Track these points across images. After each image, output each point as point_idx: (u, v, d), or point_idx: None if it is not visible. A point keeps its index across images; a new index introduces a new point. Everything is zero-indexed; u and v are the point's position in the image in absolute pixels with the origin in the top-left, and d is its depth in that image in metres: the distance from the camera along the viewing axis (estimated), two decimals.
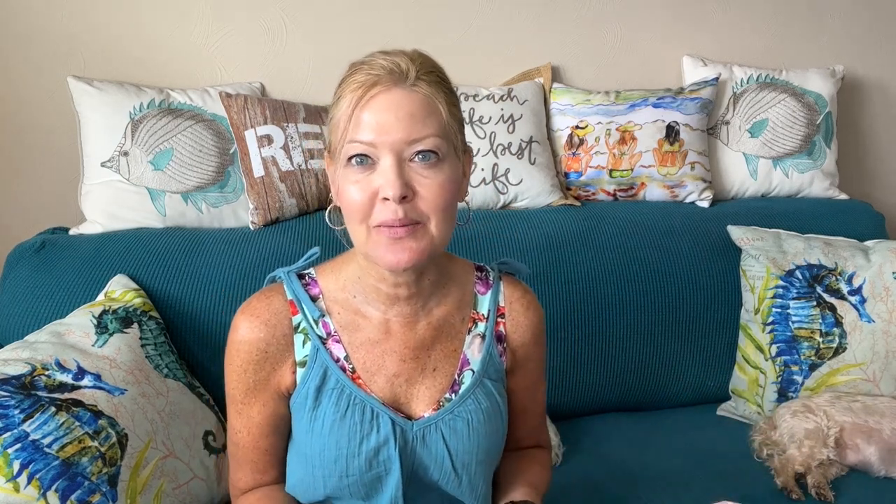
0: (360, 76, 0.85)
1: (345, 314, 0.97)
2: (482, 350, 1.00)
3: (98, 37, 1.85)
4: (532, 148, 1.95)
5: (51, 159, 1.88)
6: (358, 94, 0.84)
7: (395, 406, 0.96)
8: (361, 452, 0.92)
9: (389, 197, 0.83)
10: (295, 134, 1.80)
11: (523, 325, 1.04)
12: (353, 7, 1.96)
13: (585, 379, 1.77)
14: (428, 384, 0.97)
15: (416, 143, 0.84)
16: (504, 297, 1.03)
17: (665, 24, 2.17)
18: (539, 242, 1.79)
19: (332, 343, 0.96)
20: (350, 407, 0.93)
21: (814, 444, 1.51)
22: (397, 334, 0.97)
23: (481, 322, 1.01)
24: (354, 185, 0.86)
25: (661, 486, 1.49)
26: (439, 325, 0.99)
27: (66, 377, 1.24)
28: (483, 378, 0.99)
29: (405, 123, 0.84)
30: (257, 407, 0.96)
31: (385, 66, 0.85)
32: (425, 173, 0.85)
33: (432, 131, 0.85)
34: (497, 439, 1.01)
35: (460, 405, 0.96)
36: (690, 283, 1.82)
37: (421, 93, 0.85)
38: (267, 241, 1.71)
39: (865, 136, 2.39)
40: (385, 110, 0.84)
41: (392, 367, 0.96)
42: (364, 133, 0.84)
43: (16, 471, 1.09)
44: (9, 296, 1.56)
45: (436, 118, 0.85)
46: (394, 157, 0.84)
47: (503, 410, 1.01)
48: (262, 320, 0.94)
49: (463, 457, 0.96)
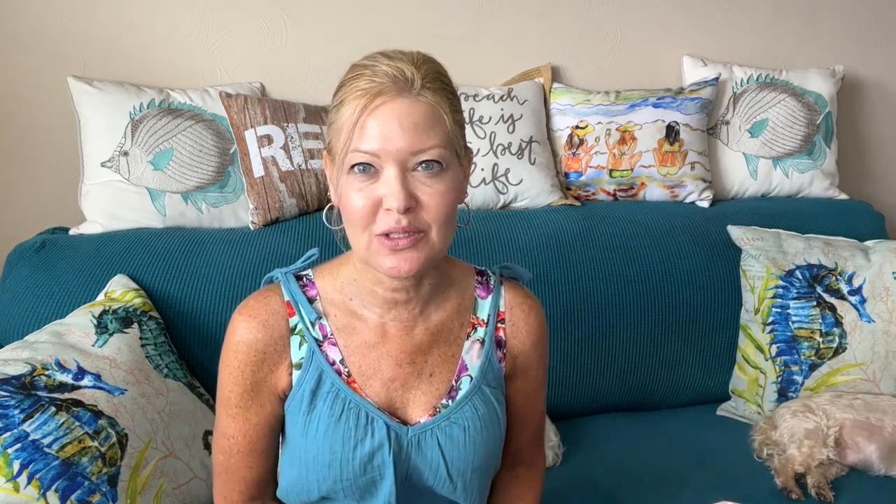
0: (364, 83, 0.84)
1: (341, 317, 0.96)
2: (481, 356, 0.99)
3: (98, 37, 1.85)
4: (532, 148, 1.95)
5: (51, 159, 1.88)
6: (362, 102, 0.83)
7: (391, 411, 0.95)
8: (356, 457, 0.92)
9: (393, 208, 0.82)
10: (295, 134, 1.80)
11: (524, 330, 1.02)
12: (353, 7, 1.96)
13: (585, 379, 1.77)
14: (424, 389, 0.96)
15: (421, 154, 0.83)
16: (505, 302, 1.02)
17: (665, 24, 2.17)
18: (539, 242, 1.79)
19: (329, 346, 0.95)
20: (345, 411, 0.92)
21: (814, 444, 1.51)
22: (394, 338, 0.96)
23: (481, 327, 1.00)
24: (357, 194, 0.85)
25: (661, 486, 1.49)
26: (437, 330, 0.98)
27: (66, 377, 1.24)
28: (481, 385, 0.98)
29: (409, 134, 0.82)
30: (254, 409, 0.95)
31: (389, 73, 0.83)
32: (428, 182, 0.84)
33: (436, 142, 0.84)
34: (494, 447, 1.00)
35: (457, 412, 0.95)
36: (690, 283, 1.82)
37: (426, 102, 0.84)
38: (267, 241, 1.71)
39: (865, 136, 2.39)
40: (389, 120, 0.82)
41: (388, 372, 0.95)
42: (368, 143, 0.83)
43: (16, 471, 1.09)
44: (9, 296, 1.56)
45: (440, 128, 0.84)
46: (397, 168, 0.83)
47: (501, 418, 1.00)
48: (259, 321, 0.93)
49: (458, 464, 0.95)
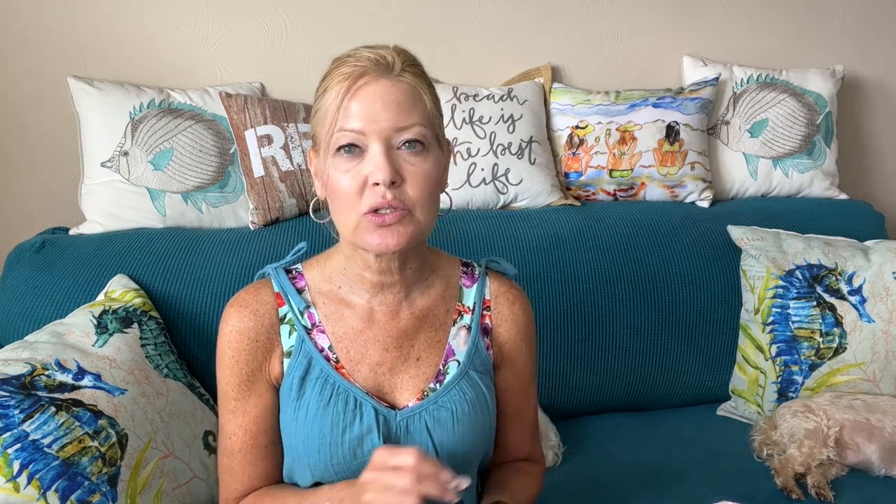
0: (346, 68, 0.88)
1: (329, 304, 0.99)
2: (468, 342, 1.01)
3: (98, 37, 1.85)
4: (532, 148, 1.95)
5: (51, 159, 1.88)
6: (346, 84, 0.87)
7: (380, 395, 0.97)
8: (344, 441, 0.93)
9: (380, 181, 0.85)
10: (295, 134, 1.80)
11: (509, 319, 1.04)
12: (353, 7, 1.96)
13: (585, 379, 1.77)
14: (412, 373, 0.98)
15: (404, 132, 0.87)
16: (490, 291, 1.04)
17: (665, 24, 2.17)
18: (539, 242, 1.79)
19: (317, 333, 0.97)
20: (333, 396, 0.94)
21: (814, 443, 1.50)
22: (380, 323, 0.98)
23: (467, 314, 1.02)
24: (344, 175, 0.88)
25: (662, 486, 1.49)
26: (423, 315, 1.00)
27: (66, 377, 1.24)
28: (469, 369, 0.99)
29: (392, 112, 0.86)
30: (253, 399, 0.97)
31: (371, 57, 0.88)
32: (412, 160, 0.88)
33: (418, 120, 0.88)
34: (484, 432, 1.01)
35: (445, 395, 0.97)
36: (690, 283, 1.82)
37: (406, 83, 0.88)
38: (267, 241, 1.71)
39: (865, 136, 2.39)
40: (373, 99, 0.86)
41: (375, 356, 0.97)
42: (353, 121, 0.86)
43: (16, 471, 1.09)
44: (9, 296, 1.56)
45: (421, 108, 0.89)
46: (382, 144, 0.86)
47: (490, 404, 1.01)
48: (250, 310, 0.97)
49: (448, 447, 0.96)
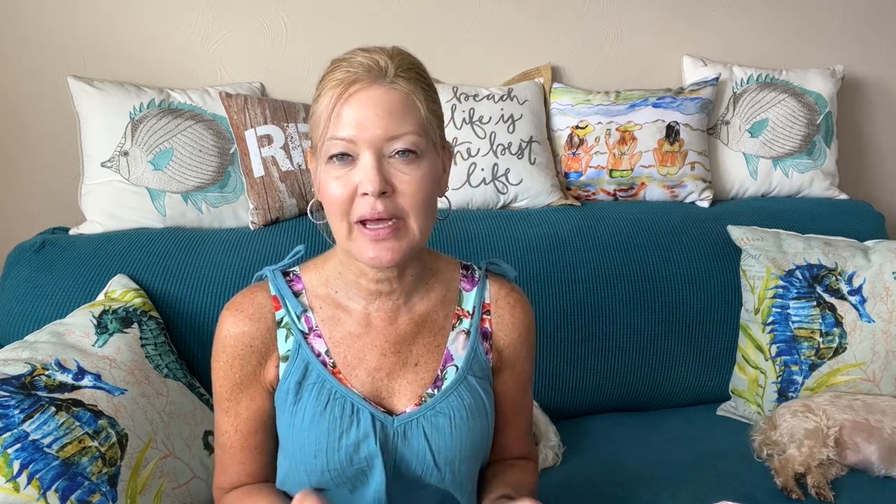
0: (340, 74, 0.87)
1: (327, 309, 0.98)
2: (467, 347, 0.99)
3: (98, 37, 1.85)
4: (532, 148, 1.95)
5: (51, 159, 1.88)
6: (337, 91, 0.86)
7: (377, 401, 0.96)
8: (341, 447, 0.92)
9: (369, 192, 0.85)
10: (295, 134, 1.80)
11: (509, 323, 1.02)
12: (353, 7, 1.96)
13: (585, 379, 1.77)
14: (410, 379, 0.97)
15: (395, 141, 0.86)
16: (490, 295, 1.03)
17: (665, 24, 2.17)
18: (539, 242, 1.79)
19: (314, 338, 0.97)
20: (330, 401, 0.94)
21: (814, 443, 1.50)
22: (378, 328, 0.97)
23: (466, 318, 1.01)
24: (335, 182, 0.87)
25: (661, 486, 1.49)
26: (421, 320, 0.99)
27: (66, 377, 1.24)
28: (467, 375, 0.98)
29: (384, 120, 0.85)
30: (245, 402, 0.97)
31: (364, 63, 0.86)
32: (404, 169, 0.87)
33: (411, 128, 0.86)
34: (482, 437, 1.00)
35: (443, 401, 0.96)
36: (690, 283, 1.82)
37: (400, 90, 0.87)
38: (267, 241, 1.71)
39: (865, 136, 2.39)
40: (364, 107, 0.85)
41: (372, 361, 0.96)
42: (344, 130, 0.86)
43: (16, 471, 1.09)
44: (9, 296, 1.56)
45: (414, 115, 0.87)
46: (373, 154, 0.85)
47: (489, 409, 1.00)
48: (245, 315, 0.96)
49: (445, 453, 0.95)
